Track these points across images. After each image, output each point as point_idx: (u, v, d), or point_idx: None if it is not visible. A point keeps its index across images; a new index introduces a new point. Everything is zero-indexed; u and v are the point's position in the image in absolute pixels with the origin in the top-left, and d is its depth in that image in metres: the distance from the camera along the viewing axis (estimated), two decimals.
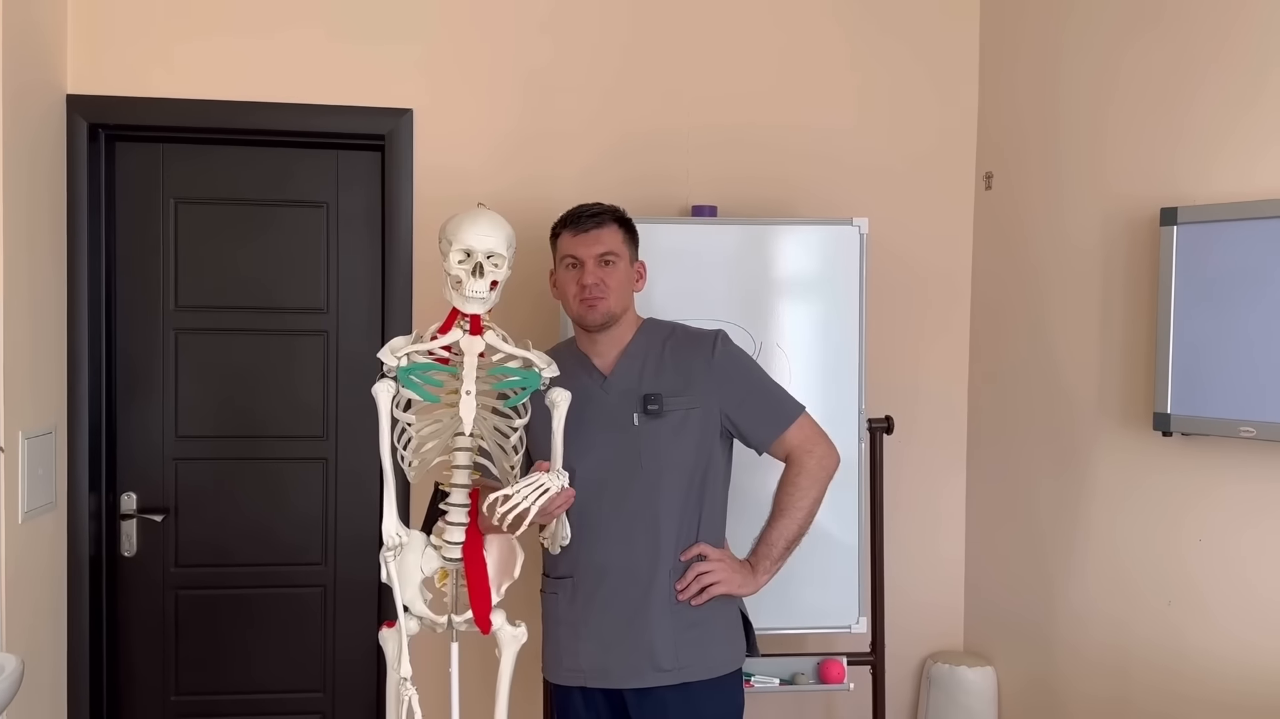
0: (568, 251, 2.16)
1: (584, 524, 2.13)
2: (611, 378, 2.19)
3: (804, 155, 3.05)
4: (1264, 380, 2.19)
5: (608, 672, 2.16)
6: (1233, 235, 2.25)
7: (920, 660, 3.16)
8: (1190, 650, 2.41)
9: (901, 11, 3.10)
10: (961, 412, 3.18)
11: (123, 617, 2.96)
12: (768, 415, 2.22)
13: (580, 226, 2.15)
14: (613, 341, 2.20)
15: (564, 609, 2.19)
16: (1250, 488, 2.29)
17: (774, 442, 2.21)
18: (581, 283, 2.13)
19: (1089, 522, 2.70)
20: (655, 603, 2.14)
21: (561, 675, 2.22)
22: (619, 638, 2.14)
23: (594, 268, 2.13)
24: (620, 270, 2.16)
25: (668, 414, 2.15)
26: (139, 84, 2.80)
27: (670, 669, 2.13)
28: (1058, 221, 2.82)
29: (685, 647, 2.14)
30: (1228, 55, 2.33)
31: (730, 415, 2.20)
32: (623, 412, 2.16)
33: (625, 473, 2.14)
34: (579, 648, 2.17)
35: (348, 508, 3.03)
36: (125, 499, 2.94)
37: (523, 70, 2.95)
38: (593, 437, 2.12)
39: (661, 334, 2.24)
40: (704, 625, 2.17)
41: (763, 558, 2.18)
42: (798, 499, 2.18)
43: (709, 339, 2.23)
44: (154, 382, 2.94)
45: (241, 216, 2.96)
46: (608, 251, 2.14)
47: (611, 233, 2.16)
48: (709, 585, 2.14)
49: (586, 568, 2.16)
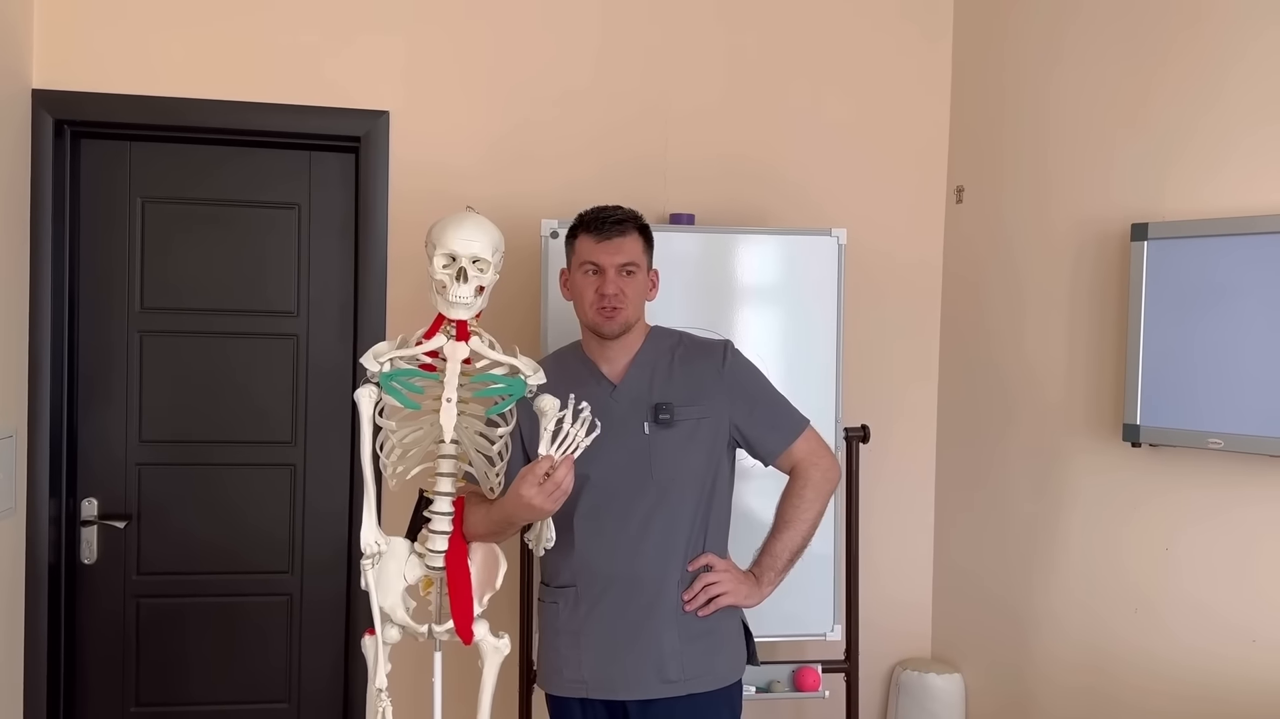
0: (589, 257, 2.12)
1: (591, 532, 2.12)
2: (621, 386, 2.17)
3: (779, 165, 3.07)
4: (1231, 393, 2.24)
5: (612, 682, 2.13)
6: (1202, 251, 2.30)
7: (890, 667, 3.18)
8: (1157, 658, 2.46)
9: (876, 26, 3.14)
10: (931, 422, 3.21)
11: (82, 626, 2.88)
12: (776, 427, 2.22)
13: (604, 233, 2.11)
14: (623, 349, 2.18)
15: (565, 618, 2.16)
16: (1217, 498, 2.34)
17: (782, 453, 2.21)
18: (602, 291, 2.10)
19: (1057, 531, 2.74)
20: (662, 613, 2.12)
21: (562, 686, 2.17)
22: (624, 648, 2.12)
23: (615, 277, 2.10)
24: (639, 280, 2.14)
25: (678, 423, 2.14)
26: (107, 79, 2.74)
27: (677, 680, 2.12)
28: (1029, 236, 2.87)
29: (691, 657, 2.13)
30: (1197, 75, 2.38)
31: (739, 426, 2.20)
32: (633, 420, 2.14)
33: (635, 482, 2.13)
34: (581, 658, 2.14)
35: (315, 516, 2.98)
36: (86, 505, 2.86)
37: (501, 75, 2.93)
38: (602, 445, 2.10)
39: (669, 343, 2.23)
40: (710, 636, 2.16)
41: (767, 569, 2.18)
42: (803, 511, 2.19)
43: (719, 349, 2.23)
44: (117, 385, 2.87)
45: (210, 217, 2.90)
46: (629, 261, 2.12)
47: (633, 241, 2.14)
48: (716, 596, 2.13)
49: (591, 576, 2.14)
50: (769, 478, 2.35)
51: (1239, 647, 2.28)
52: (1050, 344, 2.78)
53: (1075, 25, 2.73)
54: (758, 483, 2.47)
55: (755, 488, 2.46)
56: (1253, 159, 2.26)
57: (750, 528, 2.32)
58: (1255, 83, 2.26)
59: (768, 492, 2.37)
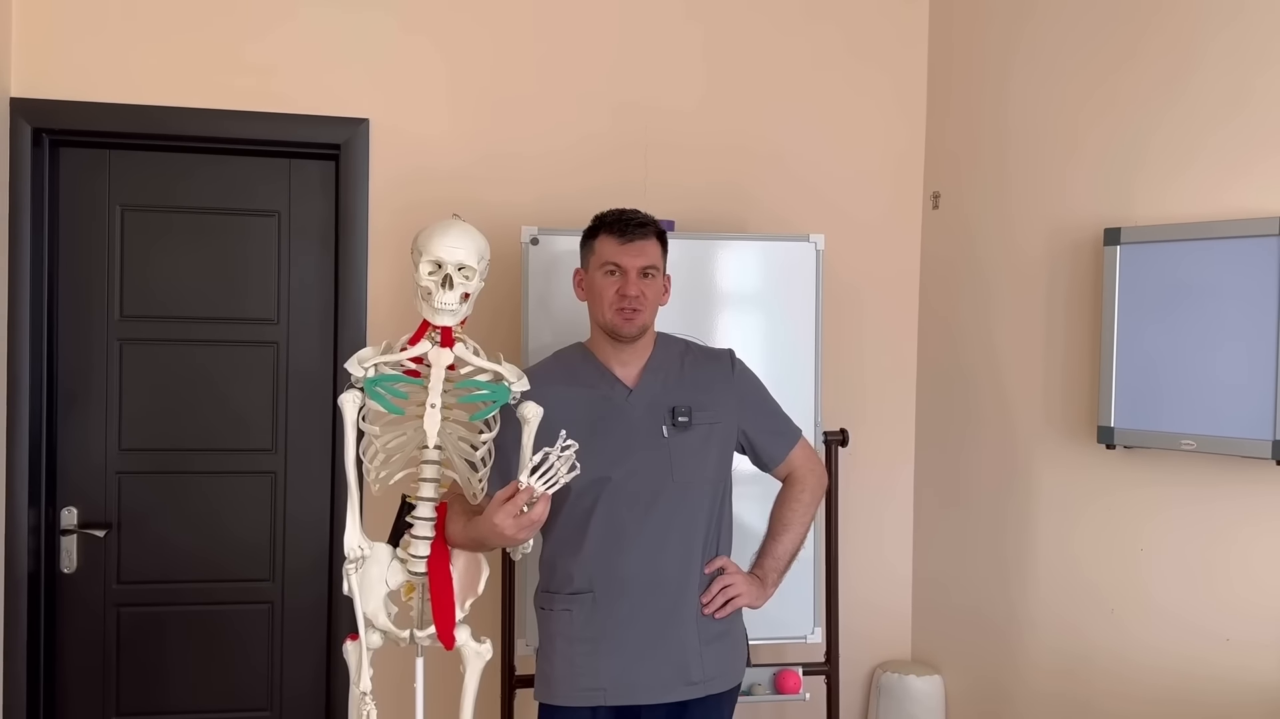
0: (610, 258, 2.12)
1: (611, 536, 2.11)
2: (637, 390, 2.18)
3: (758, 172, 3.10)
4: (1203, 395, 2.28)
5: (634, 687, 2.11)
6: (1173, 255, 2.34)
7: (870, 669, 3.21)
8: (1133, 658, 2.49)
9: (852, 33, 3.17)
10: (909, 425, 3.24)
11: (62, 635, 2.86)
12: (778, 434, 2.30)
13: (627, 235, 2.12)
14: (637, 353, 2.19)
15: (582, 625, 2.12)
16: (1191, 499, 2.37)
17: (783, 460, 2.28)
18: (624, 293, 2.10)
19: (1034, 533, 2.78)
20: (684, 615, 2.14)
21: (577, 696, 2.12)
22: (647, 652, 2.11)
23: (636, 279, 2.11)
24: (657, 284, 2.17)
25: (695, 427, 2.16)
26: (86, 88, 2.73)
27: (699, 682, 2.14)
28: (1004, 241, 2.91)
29: (711, 658, 2.15)
30: (1170, 82, 2.42)
31: (746, 431, 2.25)
32: (650, 424, 2.15)
33: (655, 485, 2.13)
34: (599, 664, 2.11)
35: (296, 523, 2.97)
36: (65, 514, 2.85)
37: (480, 83, 2.94)
38: (622, 448, 2.11)
39: (677, 349, 2.26)
40: (726, 637, 2.20)
41: (770, 571, 2.23)
42: (801, 515, 2.27)
43: (725, 356, 2.29)
44: (97, 393, 2.86)
45: (190, 225, 2.90)
46: (650, 265, 2.13)
47: (653, 246, 2.15)
48: (732, 598, 2.17)
49: (610, 581, 2.11)
50: (755, 484, 2.38)
51: (1213, 646, 2.31)
52: (1025, 347, 2.82)
53: (1046, 31, 2.77)
54: (741, 488, 2.48)
55: (741, 493, 2.46)
56: (1219, 160, 2.30)
57: (738, 534, 2.33)
58: (1219, 85, 2.30)
59: (753, 497, 2.40)
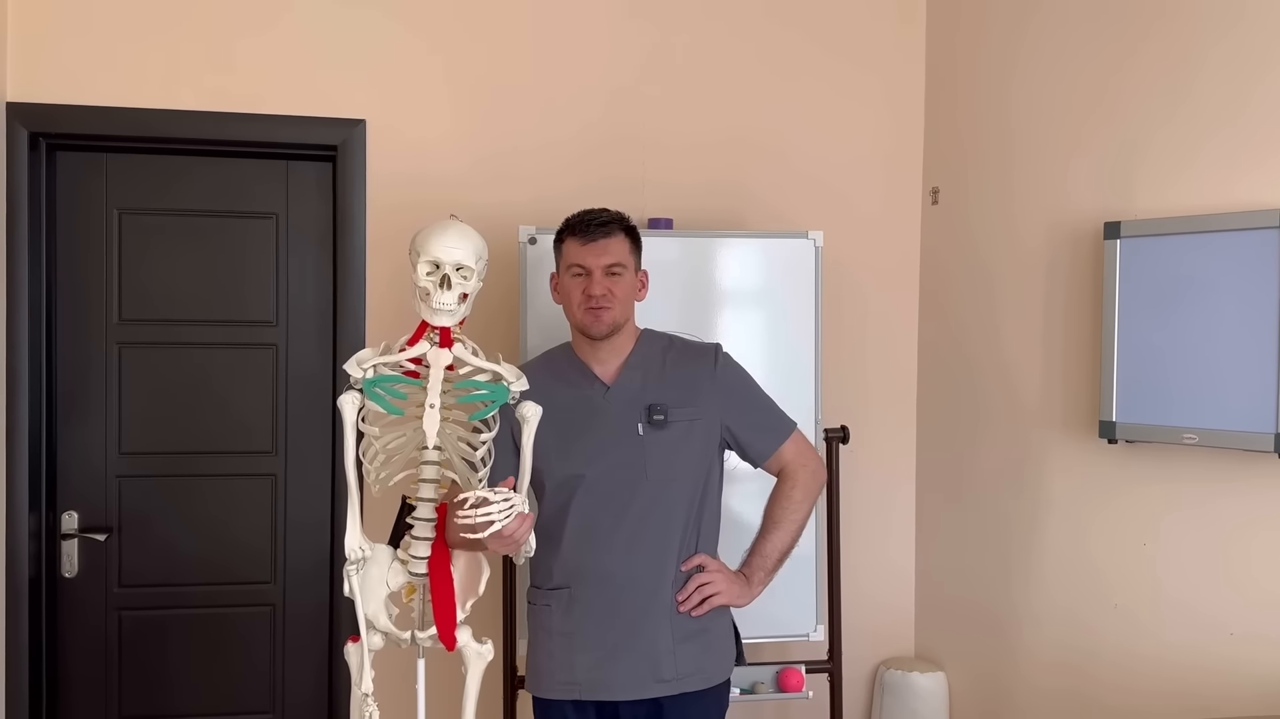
0: (575, 260, 2.14)
1: (586, 533, 2.13)
2: (614, 387, 2.18)
3: (756, 169, 3.09)
4: (1205, 388, 2.27)
5: (607, 683, 2.14)
6: (1173, 248, 2.34)
7: (873, 667, 3.20)
8: (1137, 652, 2.48)
9: (851, 28, 3.16)
10: (910, 421, 3.24)
11: (64, 639, 2.86)
12: (767, 429, 2.26)
13: (589, 235, 2.14)
14: (615, 350, 2.20)
15: (559, 620, 2.16)
16: (1193, 493, 2.37)
17: (771, 455, 2.25)
18: (588, 292, 2.12)
19: (1036, 528, 2.77)
20: (657, 613, 2.14)
21: (555, 689, 2.16)
22: (619, 649, 2.13)
23: (601, 278, 2.12)
24: (626, 280, 2.16)
25: (672, 424, 2.16)
26: (82, 92, 2.73)
27: (670, 680, 2.13)
28: (1004, 236, 2.90)
29: (685, 657, 2.15)
30: (1168, 75, 2.42)
31: (731, 427, 2.23)
32: (627, 421, 2.16)
33: (630, 482, 2.14)
34: (575, 659, 2.14)
35: (296, 525, 2.97)
36: (66, 518, 2.85)
37: (477, 84, 2.94)
38: (597, 445, 2.11)
39: (660, 345, 2.26)
40: (703, 635, 2.18)
41: (757, 569, 2.21)
42: (792, 512, 2.23)
43: (710, 351, 2.26)
44: (96, 397, 2.86)
45: (188, 228, 2.90)
46: (615, 263, 2.14)
47: (619, 243, 2.16)
48: (709, 596, 2.15)
49: (586, 578, 2.14)
50: (754, 480, 2.37)
51: (1217, 639, 2.31)
52: (1026, 342, 2.81)
53: (1047, 25, 2.76)
54: (741, 485, 2.48)
55: (740, 490, 2.48)
56: (1221, 156, 2.30)
57: (736, 530, 2.34)
58: (1222, 80, 2.29)
59: (752, 494, 2.40)
